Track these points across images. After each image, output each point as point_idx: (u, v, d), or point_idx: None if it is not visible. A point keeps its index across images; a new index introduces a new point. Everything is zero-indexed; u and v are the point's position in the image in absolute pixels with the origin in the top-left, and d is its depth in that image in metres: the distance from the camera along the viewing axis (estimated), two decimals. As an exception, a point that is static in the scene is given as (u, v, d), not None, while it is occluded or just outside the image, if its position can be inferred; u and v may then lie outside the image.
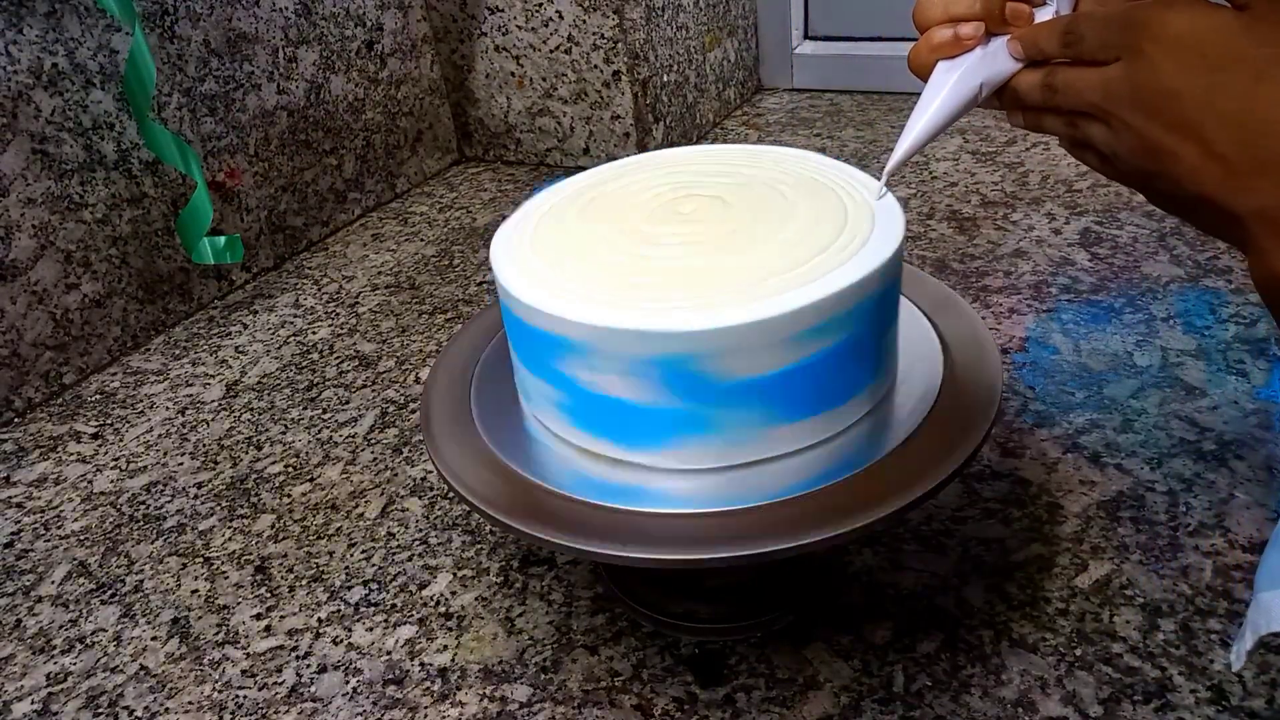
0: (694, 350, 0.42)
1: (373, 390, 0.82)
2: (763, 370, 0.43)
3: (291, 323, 0.95)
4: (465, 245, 1.07)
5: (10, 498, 0.74)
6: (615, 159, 0.58)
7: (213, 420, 0.81)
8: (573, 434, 0.48)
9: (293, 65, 1.05)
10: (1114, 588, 0.54)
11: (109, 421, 0.82)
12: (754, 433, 0.45)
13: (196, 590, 0.63)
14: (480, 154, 1.32)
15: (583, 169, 0.58)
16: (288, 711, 0.54)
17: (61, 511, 0.72)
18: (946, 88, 0.44)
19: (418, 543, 0.65)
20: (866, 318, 0.45)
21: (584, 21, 1.14)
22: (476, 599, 0.60)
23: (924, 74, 0.46)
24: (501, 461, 0.49)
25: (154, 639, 0.60)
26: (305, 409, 0.81)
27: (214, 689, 0.56)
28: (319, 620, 0.60)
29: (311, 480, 0.72)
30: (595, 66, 1.16)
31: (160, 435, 0.80)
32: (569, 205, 0.54)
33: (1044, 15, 0.44)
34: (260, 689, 0.55)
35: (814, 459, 0.46)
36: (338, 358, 0.88)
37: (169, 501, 0.72)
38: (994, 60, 0.44)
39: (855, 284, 0.43)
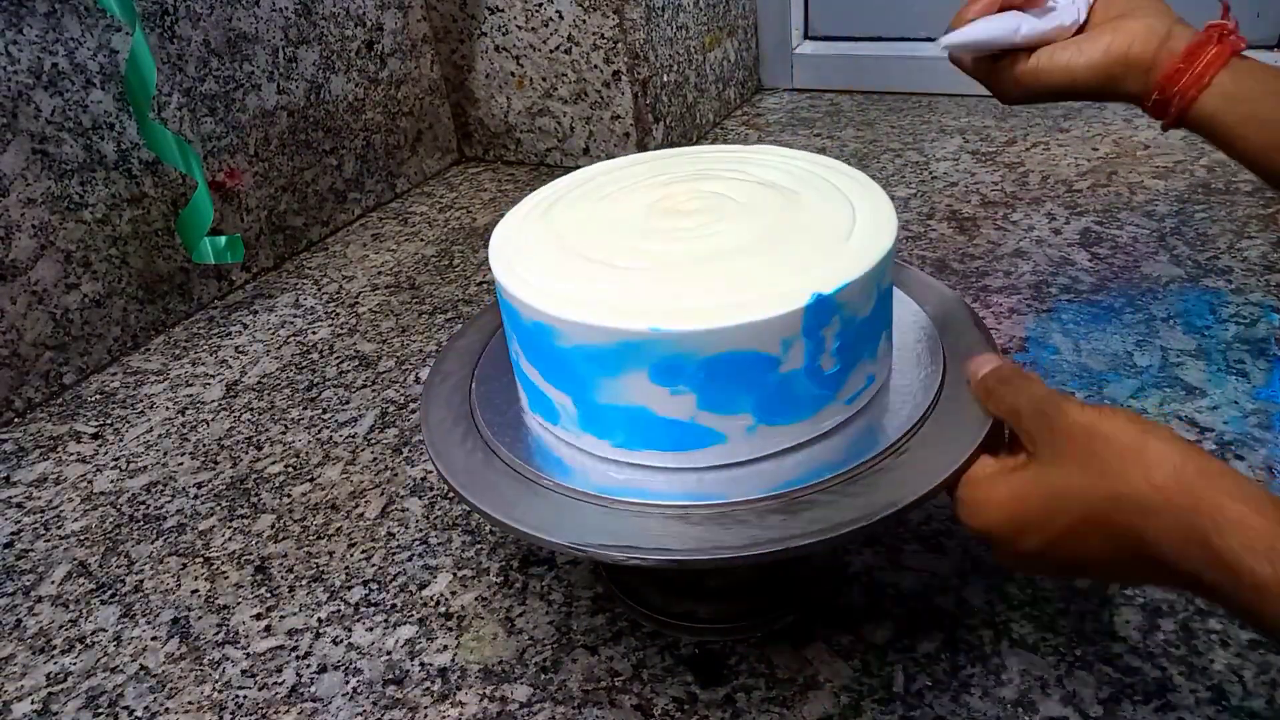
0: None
1: (373, 390, 0.82)
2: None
3: (291, 323, 0.95)
4: (465, 245, 1.07)
5: (10, 498, 0.74)
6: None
7: (213, 420, 0.81)
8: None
9: (293, 65, 1.05)
10: (1114, 588, 0.54)
11: (109, 421, 0.82)
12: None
13: (196, 590, 0.63)
14: (480, 154, 1.32)
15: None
16: (288, 711, 0.54)
17: (61, 511, 0.72)
18: (992, 21, 0.52)
19: (418, 543, 0.65)
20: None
21: (584, 21, 1.14)
22: (476, 599, 0.60)
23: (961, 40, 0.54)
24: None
25: (154, 639, 0.60)
26: (305, 409, 0.81)
27: (214, 689, 0.56)
28: (319, 620, 0.59)
29: (311, 480, 0.72)
30: (595, 66, 1.16)
31: (160, 435, 0.80)
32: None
33: None
34: (260, 689, 0.55)
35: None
36: (338, 358, 0.88)
37: (169, 501, 0.72)
38: (1028, 21, 0.52)
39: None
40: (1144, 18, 0.51)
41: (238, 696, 0.55)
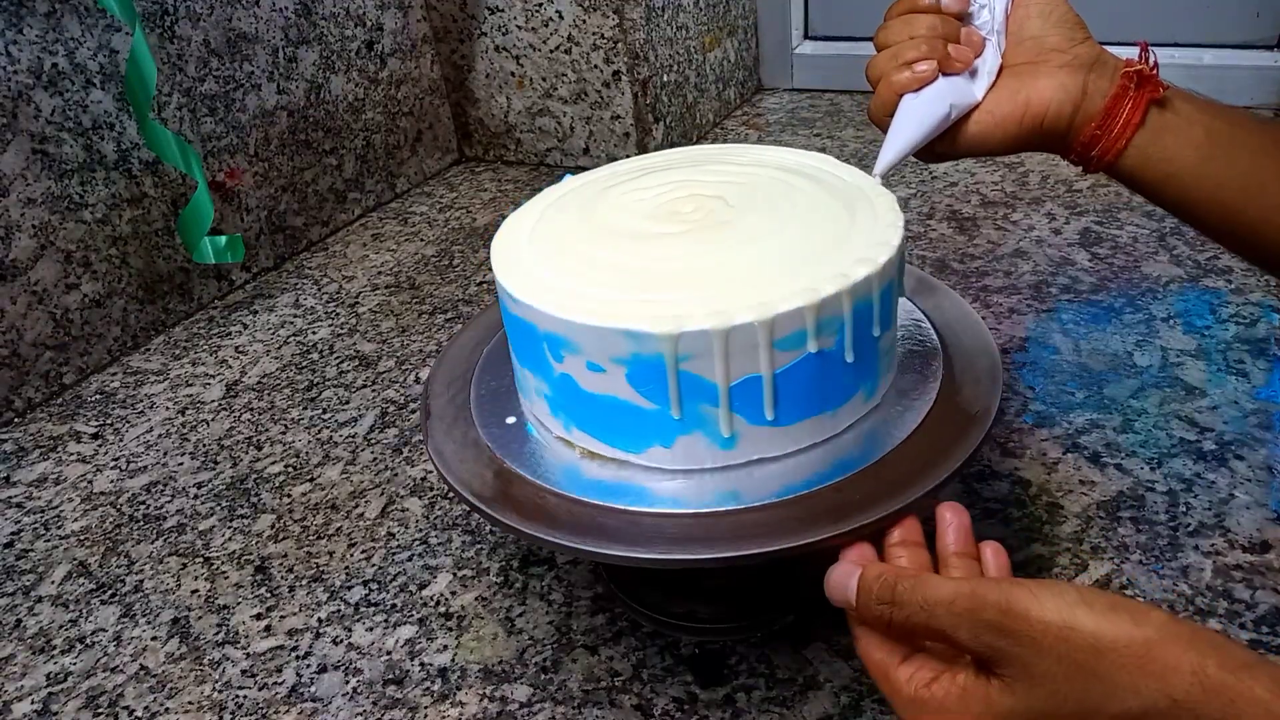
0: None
1: (373, 390, 0.82)
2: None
3: (291, 323, 0.95)
4: (465, 245, 1.07)
5: (10, 498, 0.74)
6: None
7: (213, 420, 0.81)
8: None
9: (293, 65, 1.05)
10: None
11: (109, 421, 0.82)
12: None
13: (196, 590, 0.63)
14: (480, 154, 1.32)
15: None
16: (288, 711, 0.54)
17: (61, 511, 0.72)
18: (920, 107, 0.48)
19: (418, 543, 0.65)
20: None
21: (584, 21, 1.14)
22: (476, 599, 0.60)
23: (888, 111, 0.49)
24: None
25: (154, 639, 0.60)
26: (305, 409, 0.81)
27: (214, 689, 0.56)
28: (319, 620, 0.60)
29: (311, 480, 0.72)
30: (595, 66, 1.16)
31: (160, 435, 0.80)
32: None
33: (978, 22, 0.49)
34: (260, 689, 0.55)
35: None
36: (338, 358, 0.88)
37: (169, 501, 0.72)
38: (955, 88, 0.48)
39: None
40: (1055, 73, 0.47)
41: (238, 696, 0.55)
